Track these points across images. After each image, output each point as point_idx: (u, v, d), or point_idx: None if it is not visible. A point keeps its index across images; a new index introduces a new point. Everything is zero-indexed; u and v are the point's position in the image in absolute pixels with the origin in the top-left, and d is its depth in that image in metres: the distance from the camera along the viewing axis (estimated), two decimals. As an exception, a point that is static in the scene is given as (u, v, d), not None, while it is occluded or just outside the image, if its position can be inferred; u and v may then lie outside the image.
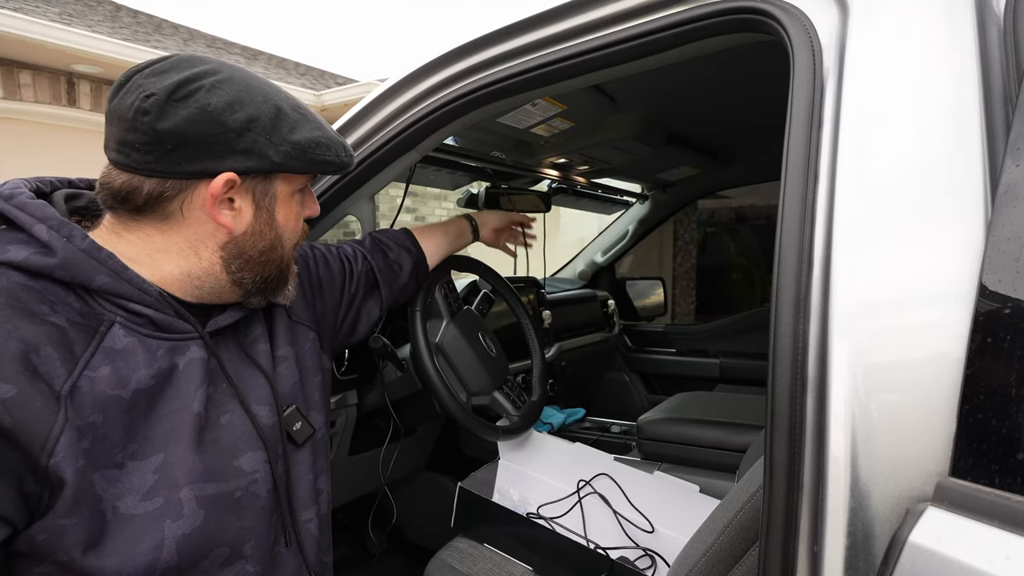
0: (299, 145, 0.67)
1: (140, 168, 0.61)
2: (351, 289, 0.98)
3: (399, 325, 1.44)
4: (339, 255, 0.99)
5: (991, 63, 0.49)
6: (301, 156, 0.67)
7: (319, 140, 0.69)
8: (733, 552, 0.64)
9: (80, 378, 0.57)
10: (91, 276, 0.60)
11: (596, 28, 0.78)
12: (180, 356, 0.65)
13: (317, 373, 0.84)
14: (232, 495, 0.66)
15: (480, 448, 1.74)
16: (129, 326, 0.62)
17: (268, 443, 0.71)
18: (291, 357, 0.80)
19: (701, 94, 1.38)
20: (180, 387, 0.64)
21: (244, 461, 0.68)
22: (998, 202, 0.44)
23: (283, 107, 0.67)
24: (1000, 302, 0.42)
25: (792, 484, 0.50)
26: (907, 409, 0.45)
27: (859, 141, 0.52)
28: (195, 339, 0.67)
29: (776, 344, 0.53)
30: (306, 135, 0.68)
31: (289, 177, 0.71)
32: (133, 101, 0.60)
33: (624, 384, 2.57)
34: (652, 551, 1.19)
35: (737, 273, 4.32)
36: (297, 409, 0.77)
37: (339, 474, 1.40)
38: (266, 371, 0.75)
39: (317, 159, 0.69)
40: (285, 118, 0.67)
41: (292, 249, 0.76)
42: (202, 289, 0.69)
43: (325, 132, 0.71)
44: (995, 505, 0.39)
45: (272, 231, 0.71)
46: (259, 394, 0.73)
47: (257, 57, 6.95)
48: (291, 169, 0.68)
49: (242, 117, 0.63)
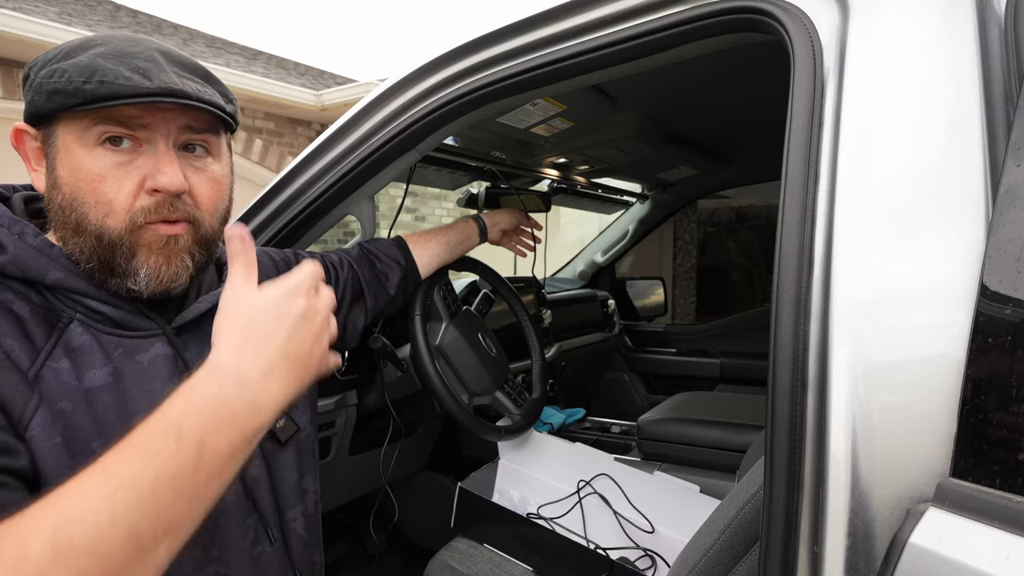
0: (55, 72, 0.58)
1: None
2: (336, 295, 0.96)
3: (399, 325, 1.44)
4: (324, 262, 0.98)
5: (992, 63, 0.49)
6: (39, 87, 0.59)
7: (63, 68, 0.58)
8: (733, 552, 0.64)
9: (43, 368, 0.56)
10: (43, 272, 0.59)
11: (596, 28, 0.78)
12: (143, 354, 0.63)
13: None
14: None
15: (480, 448, 1.74)
16: (87, 323, 0.61)
17: None
18: None
19: (701, 94, 1.38)
20: (146, 385, 0.62)
21: None
22: (999, 202, 0.44)
23: (102, 46, 0.59)
24: (1001, 302, 0.41)
25: (792, 484, 0.50)
26: (908, 409, 0.45)
27: (860, 141, 0.52)
28: (158, 336, 0.65)
29: (776, 344, 0.53)
30: (74, 60, 0.58)
31: (70, 119, 0.59)
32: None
33: (624, 384, 2.57)
34: (652, 551, 1.19)
35: (737, 273, 4.32)
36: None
37: (339, 474, 1.40)
38: None
39: (49, 87, 0.58)
40: (80, 50, 0.59)
41: (112, 221, 0.60)
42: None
43: (104, 60, 0.58)
44: (996, 506, 0.39)
45: (56, 191, 0.61)
46: None
47: (257, 57, 6.95)
48: (37, 107, 0.59)
49: (60, 58, 0.59)
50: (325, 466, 1.34)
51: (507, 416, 1.34)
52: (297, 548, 0.77)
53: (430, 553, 1.28)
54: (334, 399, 1.28)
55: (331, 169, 1.04)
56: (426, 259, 1.17)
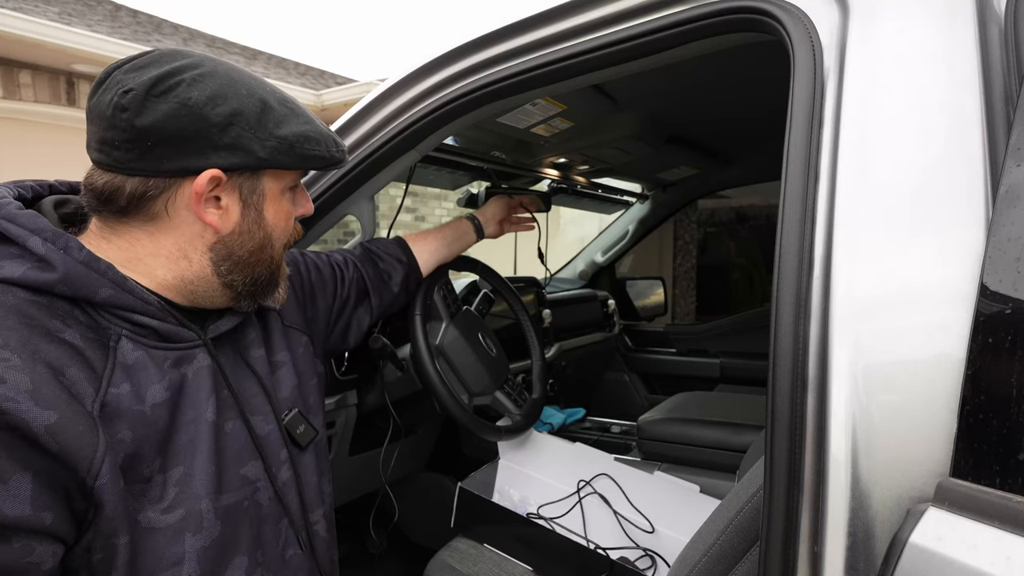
0: (286, 140, 0.64)
1: (121, 167, 0.59)
2: (342, 295, 0.97)
3: (399, 325, 1.44)
4: (330, 262, 0.98)
5: (992, 63, 0.49)
6: (289, 151, 0.65)
7: (307, 134, 0.67)
8: (734, 552, 0.64)
9: (106, 395, 0.56)
10: (94, 289, 0.57)
11: (596, 28, 0.78)
12: (187, 366, 0.64)
13: (312, 376, 0.83)
14: (241, 504, 0.66)
15: (480, 448, 1.74)
16: (135, 339, 0.60)
17: (265, 451, 0.70)
18: (288, 362, 0.79)
19: (701, 94, 1.38)
20: (193, 397, 0.63)
21: (248, 470, 0.68)
22: (999, 203, 0.44)
23: (269, 100, 0.64)
24: (1001, 302, 0.41)
25: (793, 484, 0.50)
26: (908, 409, 0.45)
27: (860, 141, 0.52)
28: (199, 347, 0.66)
29: (776, 344, 0.53)
30: (294, 129, 0.65)
31: (278, 173, 0.68)
32: (112, 98, 0.58)
33: (624, 384, 2.57)
34: (652, 551, 1.19)
35: (737, 273, 4.32)
36: (300, 412, 0.77)
37: (339, 474, 1.40)
38: (262, 377, 0.73)
39: (306, 154, 0.67)
40: (271, 112, 0.64)
41: (283, 249, 0.73)
42: (196, 294, 0.67)
43: (314, 126, 0.68)
44: (996, 506, 0.39)
45: (261, 230, 0.68)
46: (255, 402, 0.72)
47: (257, 57, 6.95)
48: (278, 164, 0.65)
49: (225, 111, 0.60)
50: (325, 466, 1.34)
51: (507, 416, 1.34)
52: (321, 550, 0.78)
53: (430, 553, 1.28)
54: (334, 399, 1.28)
55: (331, 169, 1.04)
56: (426, 256, 1.17)
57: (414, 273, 1.14)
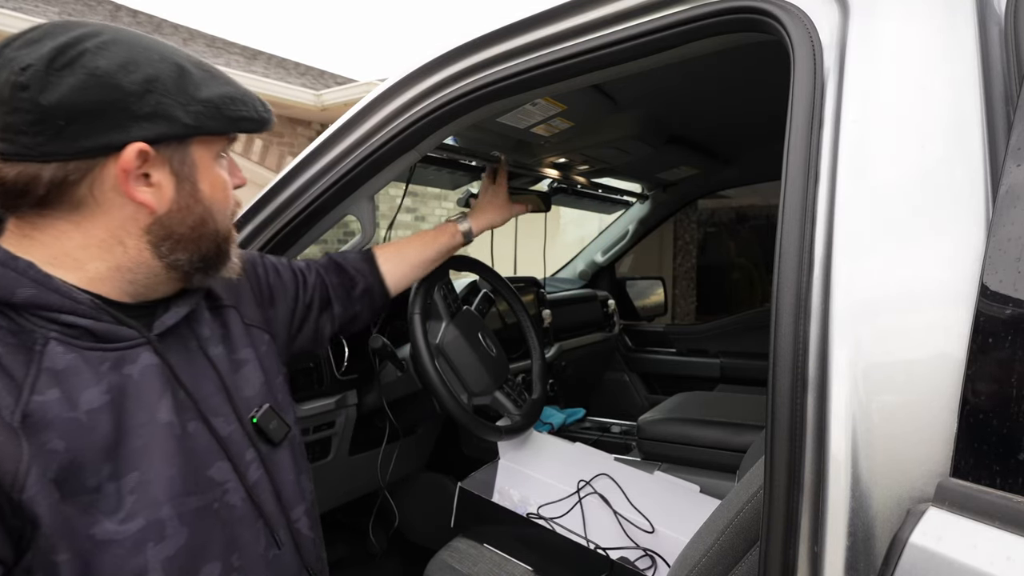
0: (211, 103, 0.60)
1: (33, 154, 0.53)
2: (305, 299, 0.93)
3: (399, 325, 1.44)
4: (290, 266, 0.95)
5: (992, 63, 0.49)
6: (216, 115, 0.61)
7: (232, 95, 0.63)
8: (734, 552, 0.64)
9: (29, 404, 0.52)
10: (11, 290, 0.54)
11: (596, 28, 0.78)
12: (131, 366, 0.60)
13: (278, 375, 0.81)
14: (211, 507, 0.63)
15: (480, 448, 1.74)
16: (66, 341, 0.56)
17: (231, 452, 0.67)
18: (253, 359, 0.76)
19: (701, 94, 1.38)
20: (140, 399, 0.59)
21: (215, 471, 0.65)
22: (999, 203, 0.44)
23: (184, 64, 0.60)
24: (1001, 302, 0.41)
25: (793, 484, 0.50)
26: (908, 409, 0.45)
27: (860, 141, 0.52)
28: (142, 345, 0.61)
29: (777, 344, 0.53)
30: (216, 91, 0.62)
31: (207, 141, 0.64)
32: (7, 77, 0.53)
33: (624, 384, 2.56)
34: (652, 551, 1.19)
35: (737, 273, 4.32)
36: (271, 408, 0.74)
37: (339, 474, 1.40)
38: (223, 375, 0.70)
39: (235, 116, 0.63)
40: (189, 76, 0.60)
41: (227, 222, 0.69)
42: (137, 283, 0.63)
43: (236, 87, 0.65)
44: (996, 506, 0.39)
45: (199, 204, 0.64)
46: (214, 401, 0.68)
47: (257, 57, 6.95)
48: (209, 130, 0.61)
49: (139, 78, 0.56)
50: (325, 466, 1.34)
51: (507, 416, 1.34)
52: (307, 547, 0.76)
53: (430, 553, 1.28)
54: (334, 399, 1.29)
55: (331, 169, 1.04)
56: (395, 270, 1.10)
57: (379, 290, 1.07)
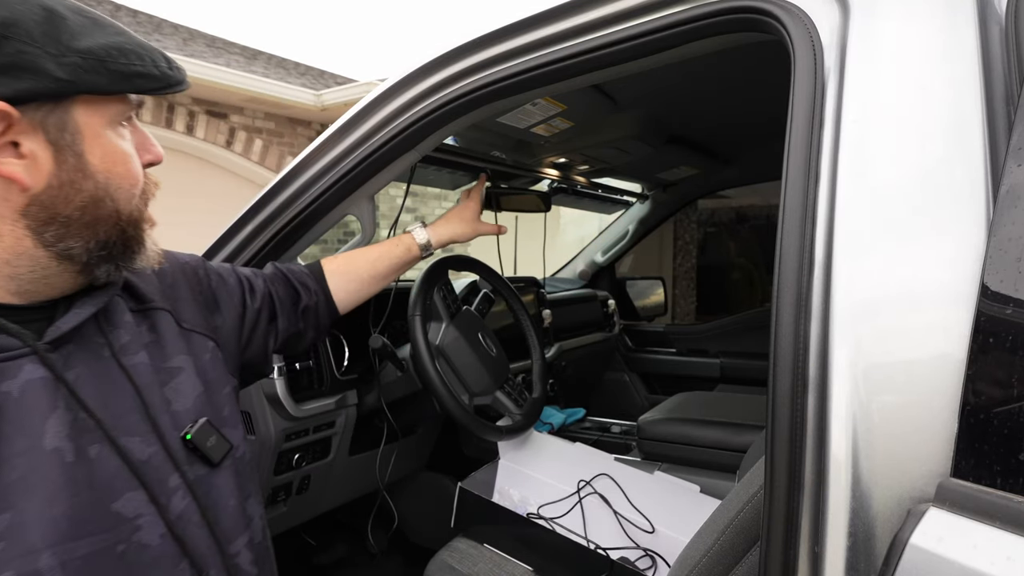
0: (93, 54, 0.50)
1: None
2: (254, 307, 0.83)
3: (399, 325, 1.44)
4: (235, 272, 0.85)
5: (992, 63, 0.49)
6: (99, 68, 0.50)
7: (121, 46, 0.52)
8: (734, 552, 0.64)
9: None
10: None
11: (596, 28, 0.78)
12: (9, 382, 0.50)
13: (225, 386, 0.71)
14: (114, 550, 0.53)
15: (480, 448, 1.74)
16: None
17: (148, 479, 0.56)
18: (189, 368, 0.66)
19: (701, 94, 1.38)
20: (20, 422, 0.50)
21: (124, 504, 0.54)
22: (1000, 203, 0.43)
23: (56, 8, 0.50)
24: (1002, 302, 0.41)
25: (793, 484, 0.50)
26: (908, 410, 0.45)
27: (860, 141, 0.52)
28: (26, 356, 0.52)
29: (777, 344, 0.53)
30: (100, 40, 0.51)
31: (94, 103, 0.52)
32: None
33: (624, 384, 2.56)
34: (652, 551, 1.19)
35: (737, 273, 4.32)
36: (209, 422, 0.64)
37: (339, 474, 1.40)
38: (141, 388, 0.59)
39: (126, 71, 0.52)
40: (62, 21, 0.50)
41: (136, 204, 0.58)
42: (19, 279, 0.53)
43: (130, 38, 0.54)
44: (997, 506, 0.39)
45: (88, 179, 0.53)
46: (129, 420, 0.57)
47: (257, 57, 6.94)
48: (91, 87, 0.50)
49: None
50: (325, 466, 1.34)
51: (507, 416, 1.34)
52: None
53: (430, 553, 1.28)
54: (334, 399, 1.29)
55: (331, 169, 1.04)
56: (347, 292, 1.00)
57: (324, 305, 0.96)
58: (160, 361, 0.64)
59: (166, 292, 0.70)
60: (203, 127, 4.93)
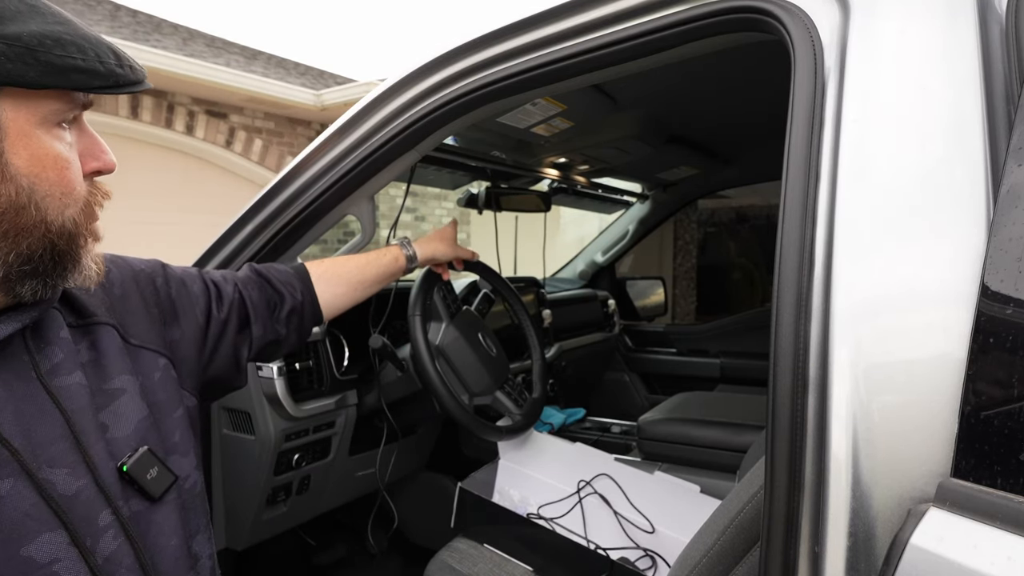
0: (21, 41, 0.44)
1: None
2: (220, 315, 0.77)
3: (399, 325, 1.44)
4: (202, 277, 0.79)
5: (993, 63, 0.49)
6: (28, 58, 0.44)
7: (59, 36, 0.46)
8: (734, 553, 0.64)
9: None
10: None
11: (596, 28, 0.78)
12: None
13: (176, 408, 0.65)
14: None
15: (480, 448, 1.75)
16: None
17: (72, 517, 0.50)
18: (133, 389, 0.60)
19: (701, 94, 1.38)
20: None
21: (37, 549, 0.48)
22: (1000, 203, 0.43)
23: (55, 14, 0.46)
24: (1002, 302, 0.41)
25: (793, 484, 0.50)
26: (909, 409, 0.45)
27: (860, 141, 0.52)
28: None
29: (777, 344, 0.52)
30: (33, 28, 0.45)
31: (22, 97, 0.47)
32: None
33: (624, 384, 2.57)
34: (652, 551, 1.19)
35: (737, 273, 4.32)
36: (151, 451, 0.58)
37: (339, 474, 1.40)
38: (69, 414, 0.53)
39: (60, 64, 0.46)
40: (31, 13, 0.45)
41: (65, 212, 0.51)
42: None
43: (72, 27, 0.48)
44: (997, 506, 0.39)
45: (9, 183, 0.47)
46: (54, 450, 0.51)
47: (257, 57, 6.94)
48: (15, 79, 0.45)
49: None
50: (325, 466, 1.34)
51: (507, 416, 1.34)
52: None
53: (430, 553, 1.28)
54: (334, 399, 1.29)
55: (331, 169, 1.04)
56: (333, 296, 0.96)
57: (311, 311, 0.91)
58: (99, 382, 0.57)
59: (114, 305, 0.64)
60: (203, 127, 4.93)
